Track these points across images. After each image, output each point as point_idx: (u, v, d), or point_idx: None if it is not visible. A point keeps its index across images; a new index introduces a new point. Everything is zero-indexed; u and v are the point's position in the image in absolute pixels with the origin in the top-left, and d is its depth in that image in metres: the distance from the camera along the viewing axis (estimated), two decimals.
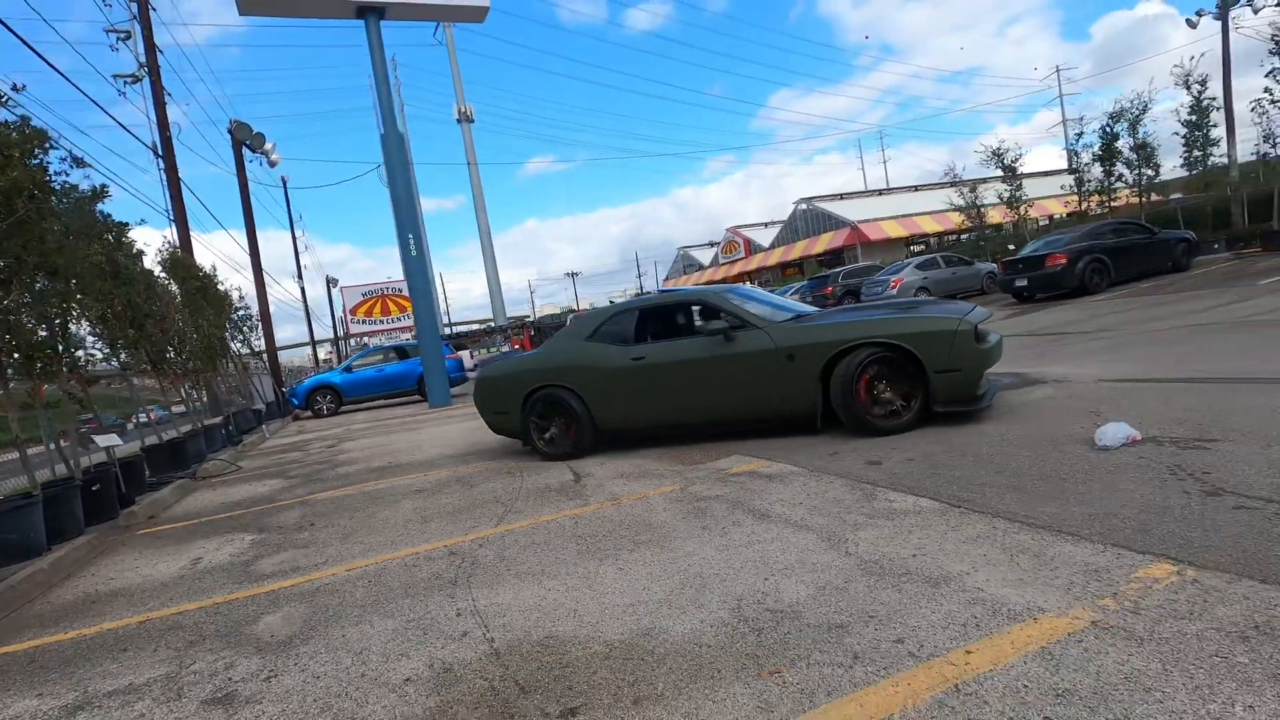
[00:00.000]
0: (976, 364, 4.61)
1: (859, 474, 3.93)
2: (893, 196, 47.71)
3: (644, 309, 5.94)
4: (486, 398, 6.30)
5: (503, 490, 4.98)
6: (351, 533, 4.39)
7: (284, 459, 9.14)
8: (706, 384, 5.26)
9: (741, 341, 5.11)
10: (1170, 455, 3.32)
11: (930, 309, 5.08)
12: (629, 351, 5.55)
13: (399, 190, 13.70)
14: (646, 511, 3.84)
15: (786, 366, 4.91)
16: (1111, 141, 17.41)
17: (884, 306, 5.78)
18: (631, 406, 5.56)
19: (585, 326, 5.93)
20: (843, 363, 4.71)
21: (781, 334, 5.03)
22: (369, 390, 16.13)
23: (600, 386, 5.59)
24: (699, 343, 5.33)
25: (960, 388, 4.61)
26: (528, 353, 6.75)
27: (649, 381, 5.43)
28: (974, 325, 4.59)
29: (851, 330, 4.81)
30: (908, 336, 4.60)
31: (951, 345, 4.52)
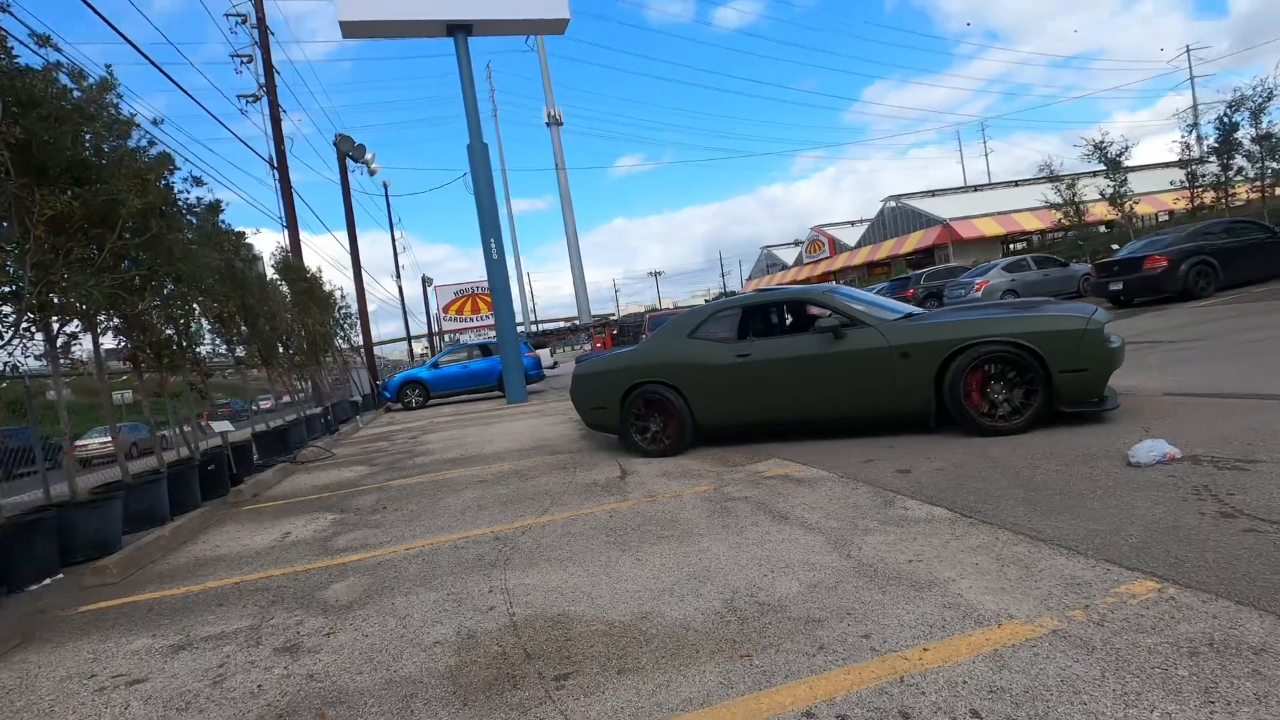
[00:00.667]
0: (1104, 364, 4.54)
1: (885, 481, 4.02)
2: (990, 192, 45.35)
3: (747, 307, 5.94)
4: (584, 393, 6.42)
5: (554, 484, 5.35)
6: (416, 516, 4.88)
7: (372, 448, 9.96)
8: (815, 381, 5.27)
9: (852, 339, 5.11)
10: (1202, 475, 3.25)
11: (1052, 308, 5.00)
12: (733, 349, 5.59)
13: (483, 198, 14.47)
14: (677, 508, 4.09)
15: (901, 364, 4.90)
16: (1230, 132, 15.96)
17: (1001, 306, 5.70)
18: (735, 403, 5.61)
19: (687, 324, 5.97)
20: (957, 361, 4.68)
21: (895, 332, 5.01)
22: (454, 385, 17.10)
23: (702, 383, 5.65)
24: (807, 340, 5.35)
25: (1086, 388, 4.54)
26: (626, 349, 6.73)
27: (754, 378, 5.47)
28: (1102, 325, 4.54)
29: (973, 328, 4.75)
30: (1033, 335, 4.54)
31: (1079, 344, 4.47)
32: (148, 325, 6.49)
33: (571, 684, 2.16)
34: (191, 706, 2.37)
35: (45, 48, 5.24)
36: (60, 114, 4.94)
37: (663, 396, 5.77)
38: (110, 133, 5.64)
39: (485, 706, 2.09)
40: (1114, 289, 12.69)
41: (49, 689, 2.71)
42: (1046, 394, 4.53)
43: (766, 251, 69.07)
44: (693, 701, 1.96)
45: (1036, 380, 4.54)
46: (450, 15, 13.89)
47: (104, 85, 5.79)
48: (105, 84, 5.81)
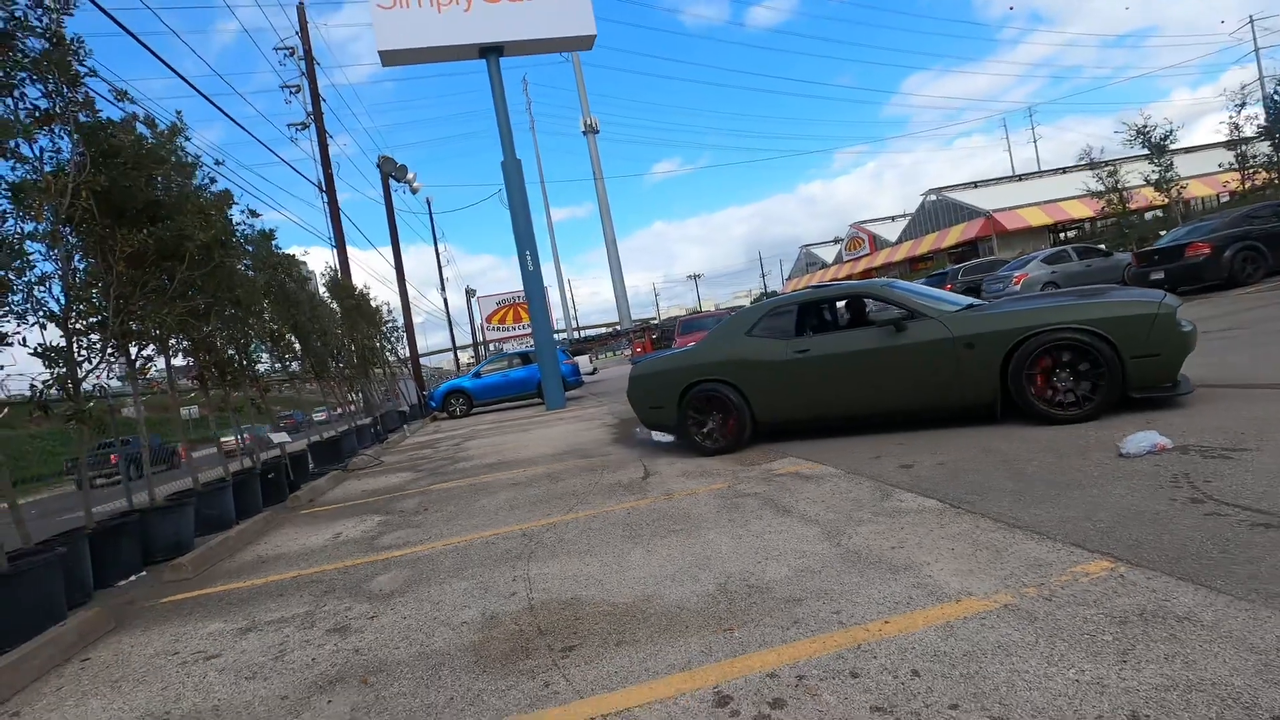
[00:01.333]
0: (1178, 348, 4.48)
1: (888, 476, 4.22)
2: (1035, 182, 44.08)
3: (803, 304, 5.95)
4: (641, 393, 6.51)
5: (581, 485, 5.69)
6: (454, 517, 5.28)
7: (417, 455, 10.51)
8: (877, 375, 5.27)
9: (914, 331, 5.10)
10: (1185, 464, 3.37)
11: (1119, 294, 4.99)
12: (792, 345, 5.64)
13: (517, 212, 15.01)
14: (690, 505, 4.37)
15: (965, 355, 4.88)
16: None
17: (1066, 294, 5.65)
18: (795, 399, 5.66)
19: (744, 322, 6.06)
20: (1022, 349, 4.66)
21: (958, 323, 4.98)
22: (495, 394, 17.70)
23: (761, 380, 5.72)
24: (868, 333, 5.37)
25: (1161, 372, 4.49)
26: (683, 349, 6.77)
27: (814, 374, 5.52)
28: (1174, 309, 4.50)
29: (1040, 316, 4.71)
30: (1104, 321, 4.51)
31: (1151, 329, 4.42)
32: (212, 346, 7.12)
33: (575, 654, 2.47)
34: (258, 676, 2.77)
35: (122, 101, 5.85)
36: (137, 160, 5.54)
37: (721, 394, 5.86)
38: (180, 174, 6.25)
39: (500, 672, 2.43)
40: (1155, 278, 12.39)
41: (140, 664, 3.17)
42: (1119, 380, 4.47)
43: (805, 250, 68.49)
44: (675, 666, 2.25)
45: (1106, 367, 4.47)
46: (482, 39, 14.48)
47: (174, 130, 6.42)
48: (175, 129, 6.44)
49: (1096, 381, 4.54)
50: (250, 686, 2.68)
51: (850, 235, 56.03)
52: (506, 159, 15.03)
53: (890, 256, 48.39)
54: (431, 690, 2.38)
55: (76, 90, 4.94)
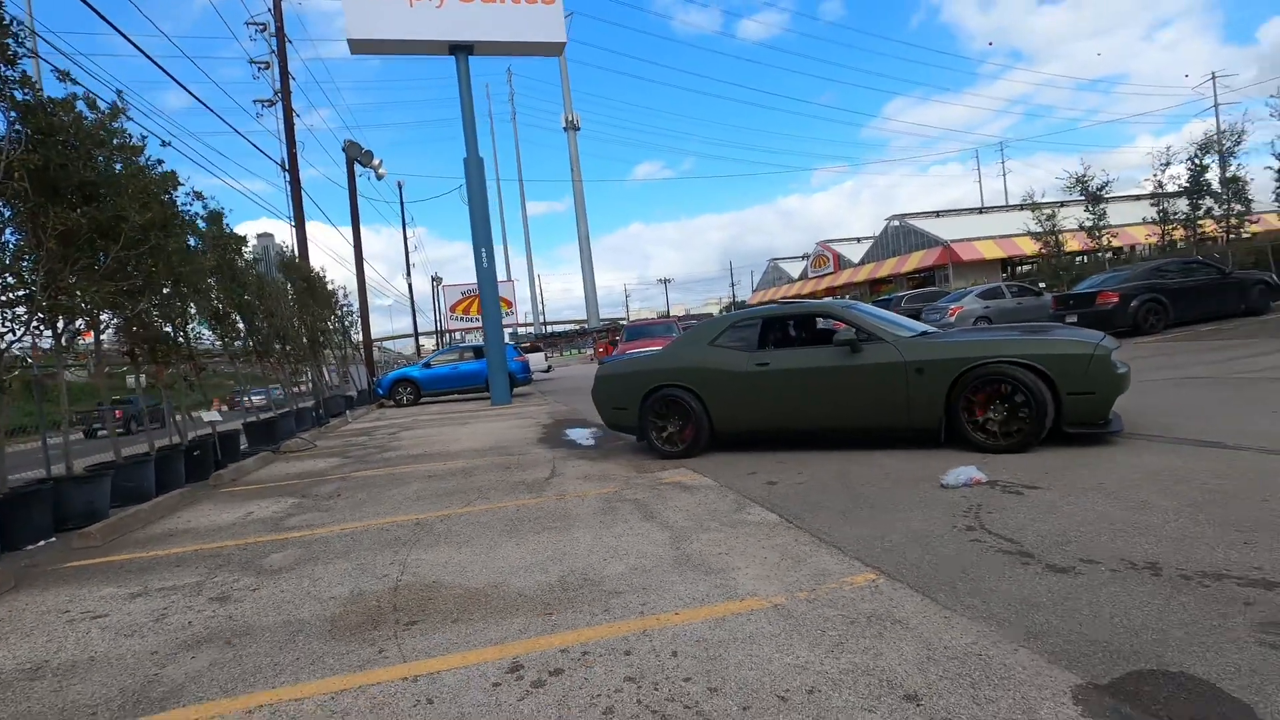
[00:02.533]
0: (1111, 388, 4.73)
1: (752, 491, 4.69)
2: (995, 215, 45.72)
3: (767, 318, 6.17)
4: (606, 394, 6.72)
5: (490, 481, 6.06)
6: (363, 504, 5.60)
7: (352, 442, 10.73)
8: (831, 392, 5.50)
9: (869, 353, 5.33)
10: (985, 497, 3.90)
11: (1062, 332, 5.33)
12: (753, 357, 5.87)
13: (476, 210, 15.27)
14: (575, 506, 4.78)
15: (914, 380, 5.12)
16: (1200, 174, 16.48)
17: (1014, 328, 6.04)
18: (752, 410, 5.88)
19: (709, 331, 6.32)
20: (968, 378, 4.92)
21: (910, 348, 5.23)
22: (444, 385, 17.90)
23: (721, 389, 5.94)
24: (825, 352, 5.59)
25: (1093, 410, 4.75)
26: (649, 352, 7.03)
27: (772, 387, 5.73)
28: (1110, 350, 4.77)
29: (984, 348, 4.96)
30: (1044, 357, 4.76)
31: (1088, 367, 4.68)
32: (147, 323, 7.29)
33: (415, 628, 2.86)
34: (136, 634, 3.09)
35: (65, 81, 6.03)
36: (76, 140, 5.73)
37: (682, 400, 6.09)
38: (121, 155, 6.43)
39: (347, 639, 2.80)
40: (1070, 322, 13.25)
41: (31, 620, 3.45)
42: (1050, 415, 4.71)
43: (774, 264, 69.62)
44: (491, 641, 2.66)
45: (1035, 402, 4.72)
46: (452, 36, 14.71)
47: (115, 111, 6.59)
48: (116, 110, 6.61)
49: (1032, 415, 4.76)
50: (127, 643, 3.00)
51: (816, 253, 57.23)
52: (470, 156, 15.28)
53: (853, 276, 49.62)
54: (284, 652, 2.74)
55: (14, 68, 5.13)
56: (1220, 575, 2.56)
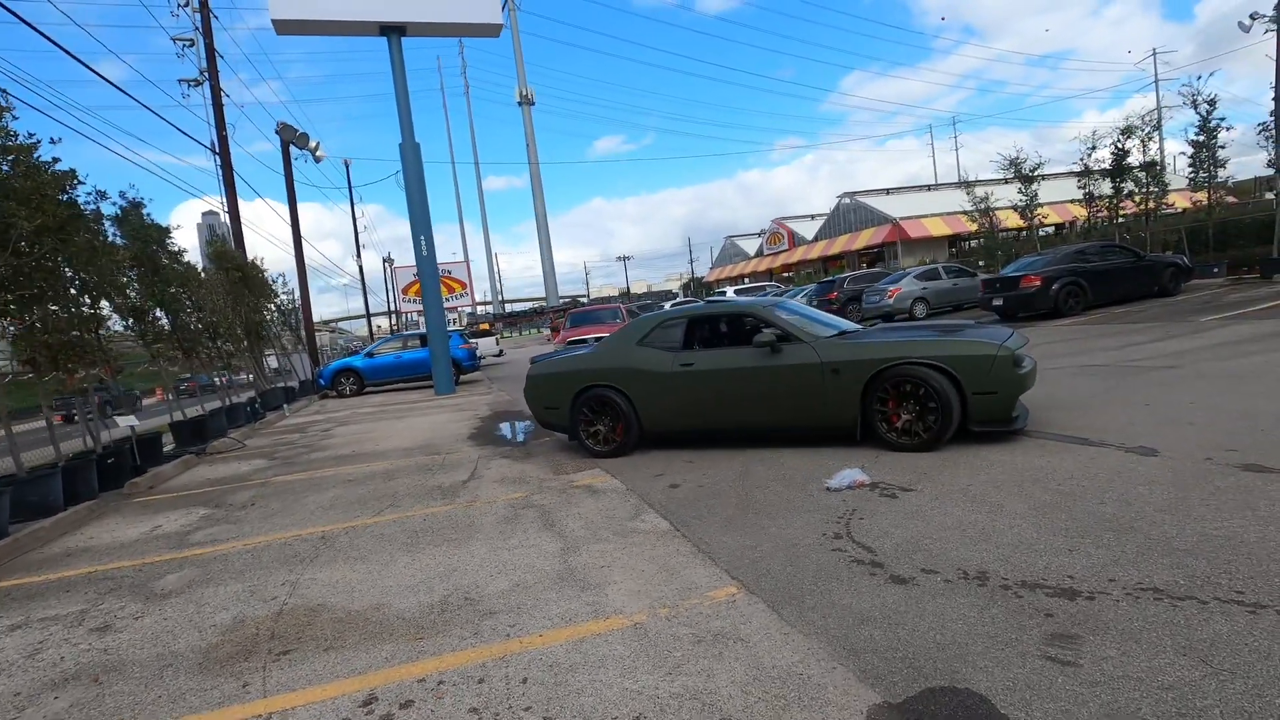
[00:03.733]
0: (1012, 388, 4.91)
1: (653, 495, 4.83)
2: (943, 192, 46.66)
3: (692, 318, 6.25)
4: (538, 393, 6.76)
5: (408, 486, 6.08)
6: (274, 514, 5.58)
7: (282, 440, 10.57)
8: (752, 392, 5.62)
9: (788, 354, 5.46)
10: (862, 501, 4.10)
11: (972, 333, 5.40)
12: (678, 357, 5.96)
13: (414, 196, 14.97)
14: (481, 514, 4.85)
15: (831, 380, 5.26)
16: (1121, 158, 17.12)
17: (927, 328, 6.11)
18: (677, 410, 5.99)
19: (637, 331, 6.35)
20: (877, 380, 5.09)
21: (827, 349, 5.37)
22: (388, 375, 17.66)
23: (648, 389, 6.03)
24: (746, 353, 5.67)
25: (996, 409, 4.94)
26: (579, 352, 7.01)
27: (696, 387, 5.84)
28: (1013, 351, 4.89)
29: (895, 349, 5.13)
30: (949, 359, 4.93)
31: (990, 369, 4.85)
32: (51, 328, 7.03)
33: (287, 658, 2.91)
34: (3, 672, 3.07)
35: None
36: None
37: (611, 400, 6.17)
38: (3, 157, 6.14)
39: (215, 673, 2.84)
40: (996, 304, 13.74)
41: None
42: (955, 414, 4.89)
43: (730, 241, 69.94)
44: (355, 670, 2.73)
45: (939, 401, 4.90)
46: (383, 17, 14.27)
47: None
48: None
49: (938, 414, 4.93)
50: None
51: (771, 230, 57.66)
52: (405, 142, 14.93)
53: (806, 254, 50.22)
54: (150, 689, 2.77)
55: None
56: (1036, 585, 2.78)
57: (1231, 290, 13.51)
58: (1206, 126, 15.83)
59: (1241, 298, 12.12)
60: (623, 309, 16.78)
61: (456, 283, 55.94)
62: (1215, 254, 16.20)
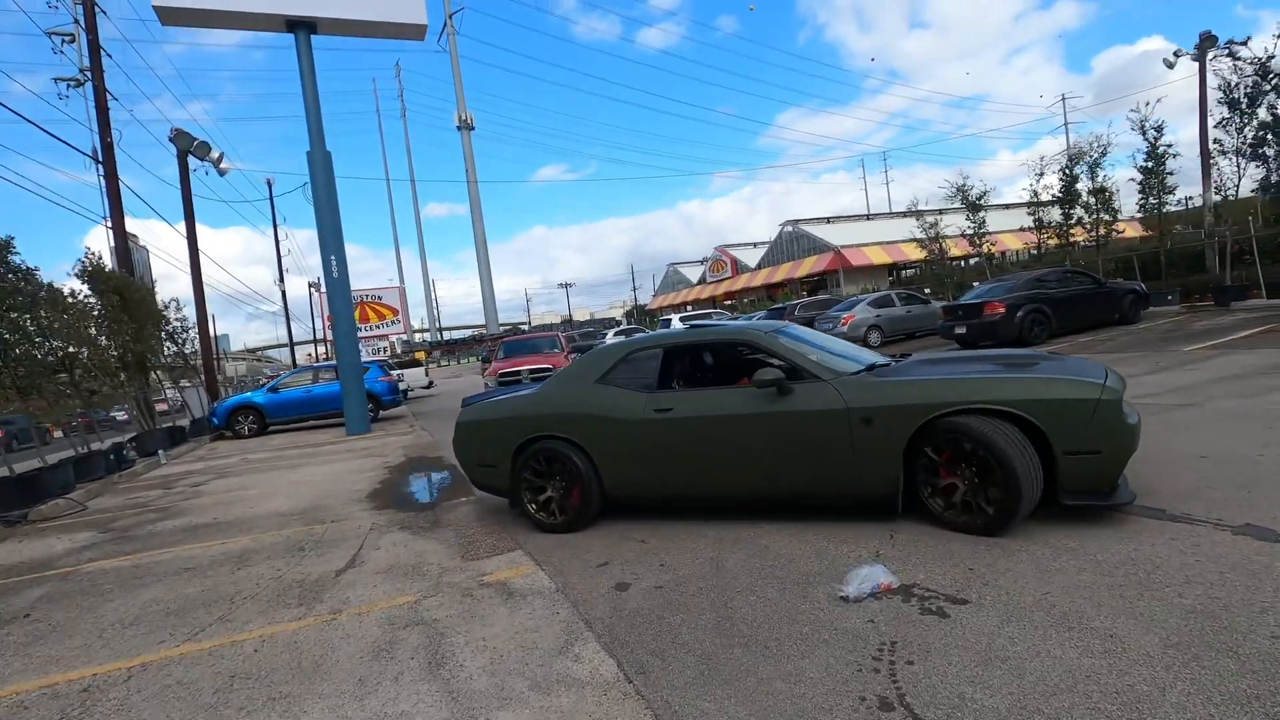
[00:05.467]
0: (1121, 446, 3.52)
1: (593, 603, 3.41)
2: (881, 222, 47.40)
3: (670, 347, 4.76)
4: (469, 446, 5.20)
5: (260, 579, 4.48)
6: (43, 636, 3.88)
7: (137, 500, 8.59)
8: (751, 449, 4.13)
9: (800, 396, 4.00)
10: (900, 619, 2.80)
11: (1052, 367, 3.99)
12: (652, 400, 4.45)
13: (323, 210, 13.24)
14: (343, 639, 3.33)
15: (860, 432, 3.80)
16: (1071, 184, 17.01)
17: (985, 360, 4.50)
18: (652, 470, 4.46)
19: (597, 365, 4.83)
20: (926, 431, 3.67)
21: (855, 389, 3.91)
22: (296, 411, 15.58)
23: (613, 443, 4.51)
24: (744, 395, 4.20)
25: (1098, 475, 3.52)
26: (523, 392, 5.41)
27: (676, 439, 4.33)
28: (1119, 394, 3.56)
29: (951, 390, 3.68)
30: (1031, 403, 3.51)
31: (1091, 419, 3.45)
32: None
33: None
34: None
35: None
36: None
37: (564, 456, 4.61)
38: None
39: None
40: (959, 332, 12.99)
41: None
42: (1044, 481, 3.53)
43: (673, 268, 69.66)
44: None
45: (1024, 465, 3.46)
46: (289, 10, 12.68)
47: None
48: None
49: (1012, 482, 3.45)
50: None
51: (714, 258, 57.57)
52: (314, 150, 13.25)
53: (750, 281, 50.06)
54: None
55: None
56: None
57: (1193, 318, 13.16)
58: (1154, 153, 15.83)
59: (1208, 325, 11.67)
60: (561, 338, 15.31)
61: (388, 309, 53.27)
62: (1165, 281, 16.07)
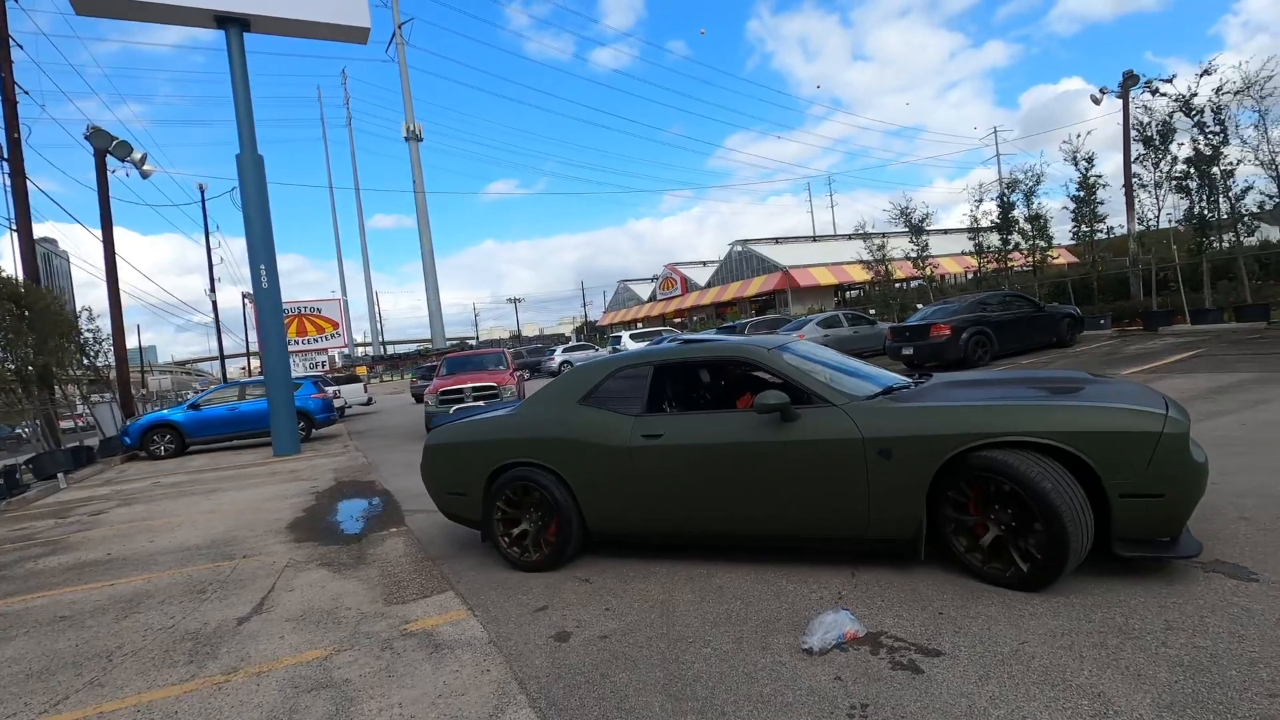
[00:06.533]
0: (1190, 489, 3.00)
1: (529, 656, 3.03)
2: (827, 243, 48.45)
3: (660, 364, 4.26)
4: (437, 471, 4.72)
5: (150, 626, 3.91)
6: None
7: (22, 531, 7.71)
8: (751, 483, 3.66)
9: (808, 423, 3.52)
10: (873, 676, 2.51)
11: (1103, 392, 3.38)
12: (640, 425, 3.99)
13: (253, 217, 12.47)
14: (235, 708, 2.86)
15: (877, 466, 3.33)
16: (1008, 210, 17.63)
17: (1023, 383, 3.98)
18: (639, 504, 3.99)
19: (580, 383, 4.36)
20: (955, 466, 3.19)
21: (871, 416, 3.43)
22: (219, 430, 14.54)
23: (595, 472, 4.06)
24: (742, 421, 3.72)
25: (1161, 522, 2.98)
26: (499, 413, 4.92)
27: (664, 470, 3.87)
28: (1185, 427, 3.05)
29: (982, 419, 3.17)
30: (1082, 436, 2.99)
31: (1153, 455, 2.91)
32: None
33: None
34: None
35: None
36: None
37: (541, 486, 4.17)
38: None
39: None
40: (906, 353, 13.11)
41: None
42: (1093, 527, 3.01)
43: (623, 285, 69.63)
44: None
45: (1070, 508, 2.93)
46: (218, 6, 11.98)
47: None
48: None
49: (1055, 530, 2.92)
50: None
51: (665, 275, 57.76)
52: (244, 154, 12.52)
53: (699, 299, 50.34)
54: None
55: None
56: None
57: (1125, 341, 13.65)
58: (1086, 183, 16.53)
59: (1140, 350, 12.09)
60: (507, 354, 14.77)
61: (327, 322, 51.46)
62: (1096, 306, 16.70)
